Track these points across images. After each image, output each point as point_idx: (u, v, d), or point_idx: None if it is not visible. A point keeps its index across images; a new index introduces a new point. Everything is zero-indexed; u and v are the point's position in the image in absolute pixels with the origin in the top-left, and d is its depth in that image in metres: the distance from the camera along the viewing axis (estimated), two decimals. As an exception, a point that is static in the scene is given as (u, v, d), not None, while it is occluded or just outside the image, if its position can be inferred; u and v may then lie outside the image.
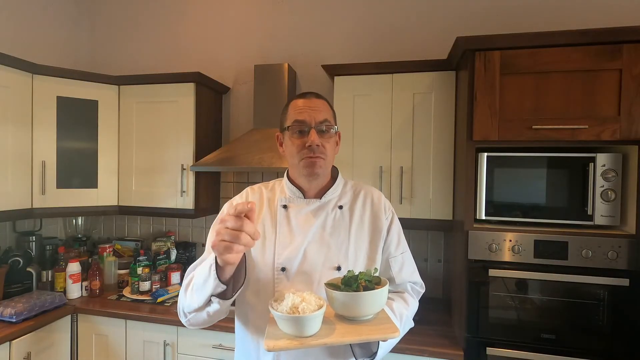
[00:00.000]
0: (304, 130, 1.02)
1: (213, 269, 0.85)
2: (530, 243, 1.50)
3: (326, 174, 1.08)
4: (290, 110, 1.05)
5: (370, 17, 2.23)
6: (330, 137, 1.04)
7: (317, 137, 1.00)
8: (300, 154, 1.02)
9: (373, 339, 0.84)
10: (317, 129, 1.02)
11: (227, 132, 2.46)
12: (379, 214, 1.11)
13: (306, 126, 1.02)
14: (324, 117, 1.03)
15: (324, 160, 1.03)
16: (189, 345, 1.83)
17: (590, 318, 1.47)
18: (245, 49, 2.41)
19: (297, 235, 1.05)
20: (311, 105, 1.04)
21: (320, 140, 1.01)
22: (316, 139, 1.00)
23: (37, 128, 2.00)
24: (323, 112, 1.04)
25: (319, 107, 1.04)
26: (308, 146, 1.00)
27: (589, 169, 1.50)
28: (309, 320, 0.80)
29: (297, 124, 1.02)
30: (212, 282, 0.86)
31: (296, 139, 1.03)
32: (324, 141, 1.02)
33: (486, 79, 1.51)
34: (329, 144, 1.04)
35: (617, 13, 1.91)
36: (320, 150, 1.01)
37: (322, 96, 1.09)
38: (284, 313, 0.82)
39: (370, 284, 0.88)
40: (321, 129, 1.02)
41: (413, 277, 1.16)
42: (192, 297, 0.95)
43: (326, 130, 1.03)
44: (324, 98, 1.09)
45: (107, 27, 2.65)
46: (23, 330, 1.72)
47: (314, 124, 1.01)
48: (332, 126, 1.04)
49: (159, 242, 2.40)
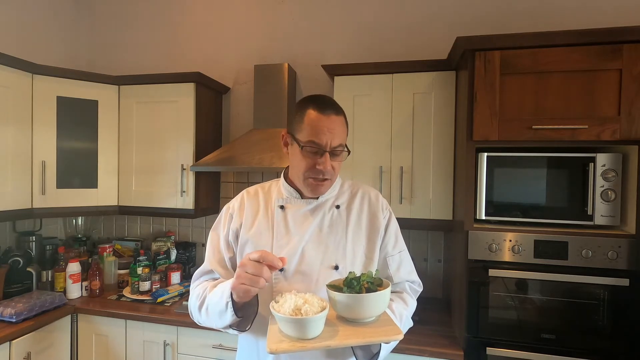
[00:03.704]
0: (318, 152, 1.00)
1: (230, 306, 0.92)
2: (530, 243, 1.50)
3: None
4: (307, 123, 1.00)
5: (370, 17, 2.23)
6: (342, 158, 1.03)
7: (329, 162, 1.00)
8: (308, 173, 1.01)
9: (376, 341, 0.84)
10: (331, 153, 1.00)
11: (227, 132, 2.46)
12: (376, 213, 1.11)
13: (321, 149, 0.99)
14: (340, 141, 1.00)
15: (330, 182, 1.04)
16: (189, 345, 1.83)
17: (590, 318, 1.47)
18: (245, 49, 2.41)
19: (294, 235, 1.05)
20: (330, 126, 0.99)
21: (332, 162, 1.01)
22: (329, 164, 0.99)
23: (37, 128, 2.00)
24: (340, 135, 1.00)
25: (337, 128, 1.00)
26: (318, 169, 0.99)
27: (589, 169, 1.50)
28: (312, 322, 0.80)
29: (312, 146, 0.99)
30: (229, 317, 0.94)
31: (308, 158, 1.00)
32: (335, 163, 1.02)
33: (486, 79, 1.51)
34: (339, 164, 1.04)
35: (617, 13, 1.91)
36: (330, 173, 1.01)
37: (340, 109, 1.04)
38: (286, 315, 0.81)
39: (373, 286, 0.88)
40: (335, 153, 1.01)
41: (411, 276, 1.16)
42: (208, 319, 1.03)
43: (338, 154, 1.02)
44: (341, 111, 1.04)
45: (107, 27, 2.65)
46: (23, 330, 1.72)
47: (329, 148, 0.99)
48: (345, 149, 1.03)
49: (159, 242, 2.40)
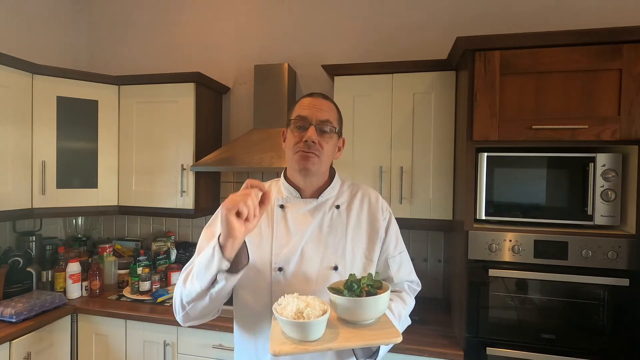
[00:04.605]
0: (305, 127, 1.03)
1: (217, 249, 0.86)
2: (530, 243, 1.50)
3: (321, 172, 1.08)
4: (296, 107, 1.08)
5: (370, 17, 2.23)
6: (329, 137, 1.04)
7: (315, 133, 1.01)
8: (296, 147, 1.03)
9: (376, 343, 0.85)
10: (317, 127, 1.02)
11: (227, 132, 2.46)
12: (376, 214, 1.11)
13: (307, 122, 1.02)
14: (327, 117, 1.04)
15: (318, 158, 1.03)
16: (189, 345, 1.83)
17: (590, 318, 1.47)
18: (245, 49, 2.41)
19: (294, 235, 1.05)
20: (316, 104, 1.05)
21: (318, 138, 1.02)
22: (313, 135, 1.01)
23: (37, 128, 2.00)
24: (327, 112, 1.04)
25: (324, 107, 1.05)
26: (304, 141, 1.01)
27: (589, 169, 1.50)
28: (314, 325, 0.81)
29: (298, 119, 1.04)
30: (216, 260, 0.86)
31: (296, 133, 1.04)
32: (322, 140, 1.03)
33: (486, 79, 1.51)
34: (328, 144, 1.04)
35: (617, 13, 1.91)
36: (316, 148, 1.02)
37: (330, 99, 1.10)
38: (288, 318, 0.82)
39: (373, 289, 0.89)
40: (322, 129, 1.03)
41: (410, 276, 1.17)
42: (192, 284, 0.94)
43: (327, 130, 1.03)
44: (332, 101, 1.10)
45: (107, 27, 2.65)
46: (23, 330, 1.72)
47: (315, 122, 1.02)
48: (334, 128, 1.05)
49: (159, 242, 2.40)
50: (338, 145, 1.11)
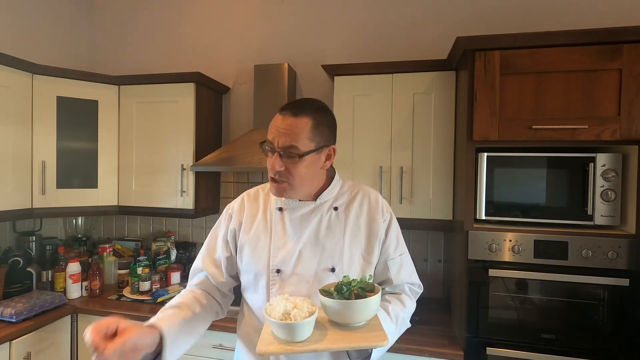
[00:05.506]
0: (271, 150, 0.97)
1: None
2: (530, 243, 1.50)
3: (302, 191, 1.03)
4: (270, 124, 1.00)
5: (370, 17, 2.23)
6: (296, 162, 0.95)
7: (278, 162, 0.95)
8: (269, 173, 0.99)
9: (362, 346, 0.85)
10: (281, 153, 0.96)
11: (227, 132, 2.46)
12: (375, 215, 1.09)
13: (272, 147, 0.97)
14: (290, 142, 0.94)
15: (289, 185, 0.98)
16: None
17: (590, 318, 1.47)
18: (245, 49, 2.41)
19: (291, 238, 1.04)
20: (282, 126, 0.95)
21: (285, 163, 0.95)
22: (276, 164, 0.95)
23: (37, 128, 2.00)
24: (291, 136, 0.94)
25: (290, 129, 0.94)
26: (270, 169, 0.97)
27: (589, 169, 1.50)
28: (299, 327, 0.83)
29: (266, 143, 0.98)
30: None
31: (267, 157, 0.99)
32: (290, 165, 0.96)
33: (486, 79, 1.51)
34: (296, 168, 0.96)
35: (617, 13, 1.91)
36: (284, 176, 0.97)
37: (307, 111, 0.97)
38: (276, 319, 0.84)
39: (363, 292, 0.88)
40: (286, 154, 0.95)
41: (411, 278, 1.15)
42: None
43: (291, 156, 0.95)
44: (308, 114, 0.97)
45: (107, 27, 2.65)
46: (23, 330, 1.72)
47: (277, 148, 0.95)
48: (297, 153, 0.94)
49: (159, 242, 2.40)
50: (328, 153, 1.02)
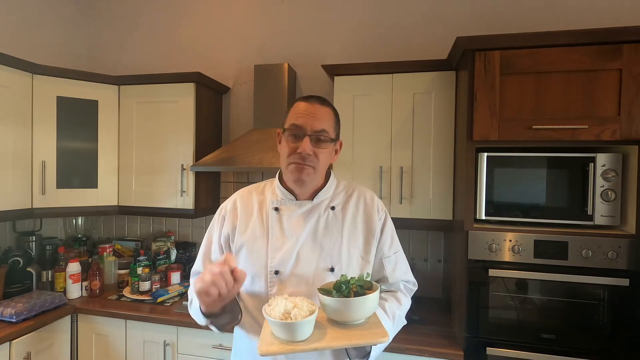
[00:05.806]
0: (299, 136, 1.00)
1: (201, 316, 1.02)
2: (530, 243, 1.50)
3: (316, 181, 1.06)
4: (291, 112, 1.04)
5: (370, 17, 2.23)
6: (325, 147, 1.01)
7: (309, 145, 0.98)
8: (290, 158, 1.01)
9: (362, 344, 0.85)
10: (312, 137, 0.99)
11: (227, 132, 2.46)
12: (372, 214, 1.10)
13: (302, 132, 0.99)
14: (322, 126, 1.00)
15: (313, 170, 1.01)
16: (189, 345, 1.83)
17: (590, 318, 1.47)
18: (245, 49, 2.41)
19: (289, 238, 1.04)
20: (312, 111, 1.01)
21: (313, 148, 0.99)
22: (308, 147, 0.98)
23: (37, 128, 2.00)
24: (323, 121, 1.01)
25: (320, 114, 1.01)
26: (299, 152, 0.99)
27: (589, 169, 1.50)
28: (300, 326, 0.83)
29: (293, 128, 1.01)
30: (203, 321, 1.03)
31: (290, 142, 1.01)
32: (318, 150, 1.00)
33: (486, 79, 1.51)
34: (323, 153, 1.02)
35: (617, 13, 1.91)
36: (311, 160, 0.99)
37: (328, 103, 1.06)
38: (276, 319, 0.83)
39: (361, 289, 0.89)
40: (317, 138, 1.00)
41: (406, 276, 1.16)
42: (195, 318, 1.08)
43: (322, 140, 1.00)
44: (330, 105, 1.06)
45: (107, 27, 2.65)
46: (23, 330, 1.72)
47: (310, 132, 0.99)
48: (329, 137, 1.01)
49: (159, 242, 2.40)
50: (335, 148, 1.08)
